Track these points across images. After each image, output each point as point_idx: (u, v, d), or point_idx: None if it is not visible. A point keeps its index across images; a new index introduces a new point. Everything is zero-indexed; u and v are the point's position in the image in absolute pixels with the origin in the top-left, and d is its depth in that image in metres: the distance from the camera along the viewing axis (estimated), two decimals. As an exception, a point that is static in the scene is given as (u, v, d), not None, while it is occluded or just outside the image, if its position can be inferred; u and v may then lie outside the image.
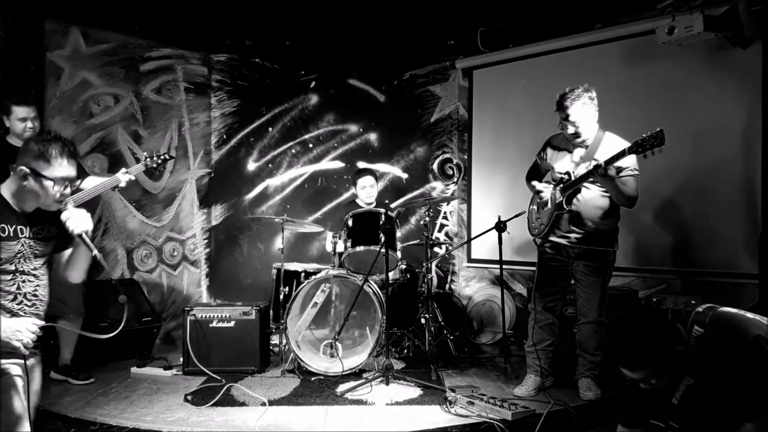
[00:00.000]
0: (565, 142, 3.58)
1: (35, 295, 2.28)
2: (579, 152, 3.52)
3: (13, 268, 2.19)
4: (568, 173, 3.48)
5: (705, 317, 2.02)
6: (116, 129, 4.96)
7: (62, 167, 2.19)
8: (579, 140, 3.45)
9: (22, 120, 3.68)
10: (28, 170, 2.16)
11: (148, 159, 3.90)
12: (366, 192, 4.95)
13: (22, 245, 2.21)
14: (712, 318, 2.01)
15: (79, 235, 2.21)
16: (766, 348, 1.87)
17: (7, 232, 2.18)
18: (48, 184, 2.17)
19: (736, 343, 1.93)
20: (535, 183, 3.71)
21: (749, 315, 2.02)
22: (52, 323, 2.31)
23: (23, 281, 2.23)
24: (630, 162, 3.30)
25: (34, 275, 2.27)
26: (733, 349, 1.93)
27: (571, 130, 3.41)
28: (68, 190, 2.25)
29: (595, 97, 3.42)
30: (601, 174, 3.17)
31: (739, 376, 1.90)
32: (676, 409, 2.04)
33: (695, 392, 2.00)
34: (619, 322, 2.13)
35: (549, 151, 3.69)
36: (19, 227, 2.21)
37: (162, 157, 3.92)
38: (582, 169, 3.42)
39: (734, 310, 2.05)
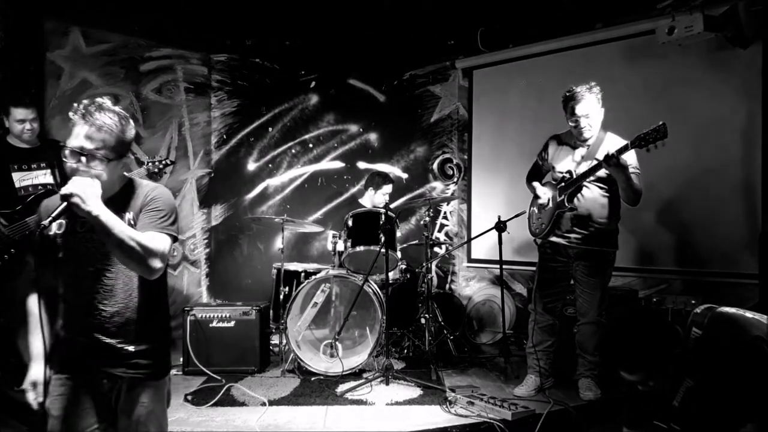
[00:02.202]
0: (570, 137, 3.58)
1: (96, 297, 1.90)
2: (580, 151, 3.52)
3: (92, 268, 1.91)
4: (569, 172, 3.49)
5: (703, 318, 2.01)
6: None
7: (72, 136, 1.85)
8: (586, 135, 3.45)
9: (20, 121, 3.69)
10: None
11: (150, 164, 3.90)
12: (385, 198, 4.93)
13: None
14: (711, 319, 2.00)
15: (62, 196, 1.74)
16: (765, 349, 1.86)
17: (85, 227, 1.91)
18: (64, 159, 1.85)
19: (735, 345, 1.93)
20: (535, 184, 3.71)
21: (748, 315, 2.01)
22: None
23: (89, 280, 1.91)
24: (632, 160, 3.31)
25: (104, 274, 1.90)
26: (732, 351, 1.92)
27: (583, 123, 3.42)
28: (80, 165, 1.82)
29: (601, 97, 3.44)
30: (613, 163, 3.16)
31: (739, 377, 1.89)
32: (678, 411, 2.03)
33: (696, 394, 1.99)
34: (615, 326, 2.12)
35: (551, 148, 3.69)
36: None
37: (164, 162, 3.93)
38: (584, 167, 3.42)
39: (733, 310, 2.04)
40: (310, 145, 5.89)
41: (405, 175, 5.97)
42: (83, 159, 1.84)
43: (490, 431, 3.10)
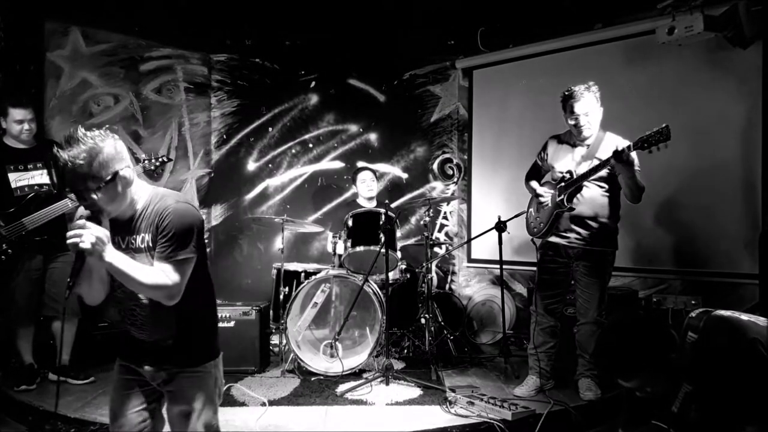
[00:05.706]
0: (570, 136, 3.58)
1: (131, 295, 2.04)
2: (580, 151, 3.52)
3: None
4: (570, 172, 3.48)
5: (699, 322, 1.99)
6: (116, 129, 4.96)
7: None
8: (586, 134, 3.44)
9: (18, 122, 3.68)
10: None
11: (146, 161, 3.89)
12: (366, 185, 5.00)
13: None
14: (706, 323, 1.98)
15: (76, 254, 1.81)
16: (762, 352, 1.85)
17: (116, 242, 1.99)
18: None
19: (732, 348, 1.92)
20: (534, 184, 3.71)
21: (744, 317, 1.99)
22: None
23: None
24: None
25: None
26: (729, 354, 1.91)
27: (582, 121, 3.41)
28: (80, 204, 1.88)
29: (599, 97, 3.43)
30: (623, 159, 3.14)
31: (737, 380, 1.88)
32: (677, 417, 2.02)
33: (694, 399, 1.98)
34: (609, 333, 2.10)
35: (550, 148, 3.68)
36: None
37: (160, 159, 3.91)
38: (584, 167, 3.42)
39: (728, 313, 2.02)
40: (310, 145, 5.89)
41: (405, 175, 5.96)
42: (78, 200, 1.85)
43: (490, 431, 3.09)
